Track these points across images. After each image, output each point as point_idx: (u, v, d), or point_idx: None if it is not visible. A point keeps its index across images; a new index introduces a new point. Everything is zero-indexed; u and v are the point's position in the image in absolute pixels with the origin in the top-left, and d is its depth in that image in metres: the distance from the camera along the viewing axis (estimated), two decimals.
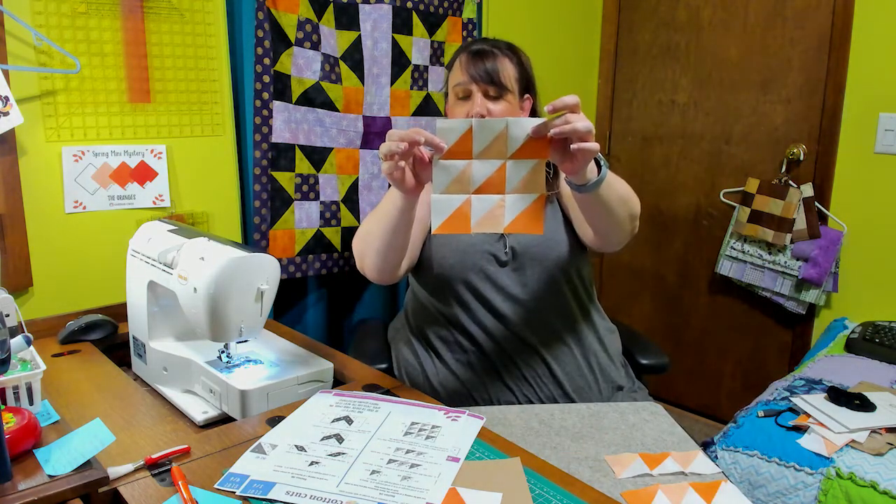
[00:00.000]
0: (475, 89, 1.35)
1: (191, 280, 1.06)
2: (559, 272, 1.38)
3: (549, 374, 1.35)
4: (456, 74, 1.40)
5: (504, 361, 1.35)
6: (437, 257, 1.39)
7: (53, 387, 1.13)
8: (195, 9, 1.63)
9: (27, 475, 0.82)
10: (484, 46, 1.39)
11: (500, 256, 1.37)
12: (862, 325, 2.11)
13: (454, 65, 1.42)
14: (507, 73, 1.37)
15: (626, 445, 1.10)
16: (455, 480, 0.87)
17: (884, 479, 1.38)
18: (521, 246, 1.37)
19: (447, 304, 1.39)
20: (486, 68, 1.35)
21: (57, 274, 1.53)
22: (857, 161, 2.25)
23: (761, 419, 1.61)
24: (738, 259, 2.48)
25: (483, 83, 1.35)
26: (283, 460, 0.91)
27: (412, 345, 1.45)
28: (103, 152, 1.55)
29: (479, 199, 1.03)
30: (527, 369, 1.34)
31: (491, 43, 1.42)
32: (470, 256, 1.37)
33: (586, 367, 1.38)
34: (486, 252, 1.38)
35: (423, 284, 1.44)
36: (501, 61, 1.37)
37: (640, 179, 2.80)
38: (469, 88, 1.36)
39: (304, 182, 1.84)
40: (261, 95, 1.72)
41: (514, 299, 1.36)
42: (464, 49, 1.42)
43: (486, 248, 1.38)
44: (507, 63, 1.38)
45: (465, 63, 1.37)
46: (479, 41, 1.44)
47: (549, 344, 1.36)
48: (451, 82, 1.42)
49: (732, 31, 2.48)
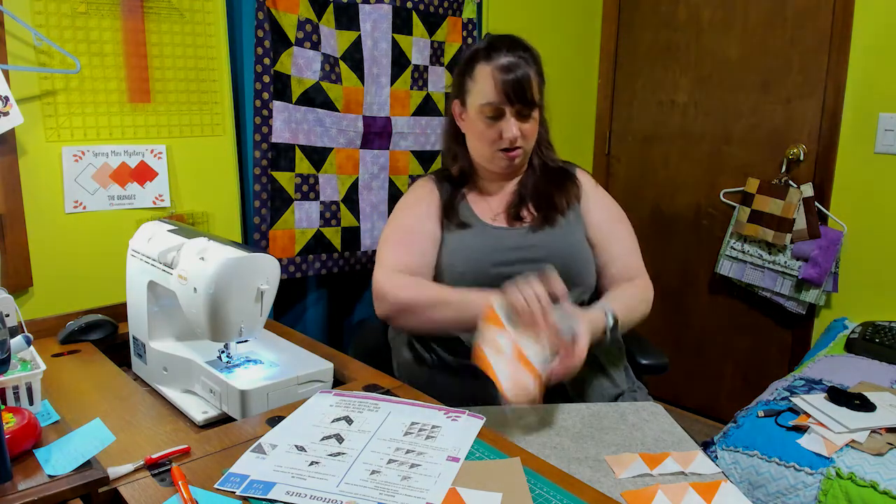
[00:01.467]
0: (509, 111, 1.32)
1: (191, 280, 1.06)
2: (573, 286, 1.35)
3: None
4: (484, 90, 1.33)
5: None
6: (446, 265, 1.37)
7: (53, 387, 1.13)
8: (195, 9, 1.63)
9: (27, 475, 0.82)
10: (512, 59, 1.32)
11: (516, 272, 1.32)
12: (862, 325, 2.11)
13: (477, 74, 1.35)
14: (535, 87, 1.33)
15: (626, 445, 1.10)
16: (455, 480, 0.87)
17: (884, 479, 1.38)
18: (547, 254, 1.35)
19: None
20: (520, 86, 1.30)
21: (57, 274, 1.53)
22: (857, 161, 2.25)
23: (761, 419, 1.61)
24: (738, 259, 2.48)
25: (518, 103, 1.31)
26: (283, 460, 0.90)
27: (413, 346, 1.45)
28: (103, 152, 1.55)
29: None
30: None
31: (515, 52, 1.34)
32: (483, 266, 1.35)
33: (590, 371, 1.36)
34: (503, 263, 1.35)
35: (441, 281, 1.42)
36: (529, 74, 1.32)
37: (640, 179, 2.80)
38: (502, 109, 1.32)
39: (304, 182, 1.84)
40: (261, 95, 1.72)
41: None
42: (486, 58, 1.34)
43: (499, 259, 1.35)
44: (532, 73, 1.33)
45: (497, 79, 1.31)
46: (501, 49, 1.34)
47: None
48: (477, 97, 1.35)
49: (732, 31, 2.48)
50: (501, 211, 1.44)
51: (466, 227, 1.40)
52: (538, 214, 1.41)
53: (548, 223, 1.39)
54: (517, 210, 1.42)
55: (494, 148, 1.37)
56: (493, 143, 1.36)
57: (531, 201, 1.43)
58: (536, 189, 1.44)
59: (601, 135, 2.88)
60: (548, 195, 1.42)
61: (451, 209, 1.43)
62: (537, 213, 1.41)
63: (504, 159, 1.38)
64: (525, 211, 1.42)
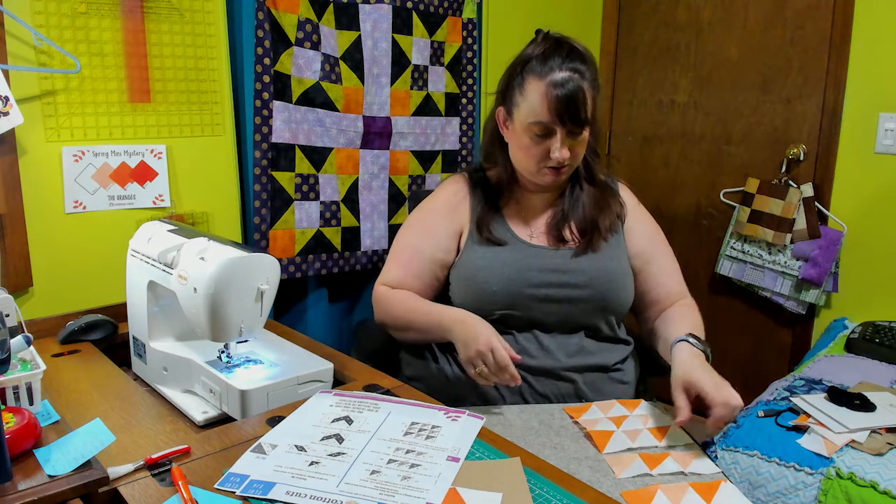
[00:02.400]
0: (560, 131, 1.23)
1: (191, 280, 1.06)
2: (608, 313, 1.33)
3: (574, 392, 1.32)
4: (534, 108, 1.23)
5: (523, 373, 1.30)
6: (480, 281, 1.31)
7: (53, 387, 1.13)
8: (195, 9, 1.63)
9: (27, 475, 0.82)
10: (566, 74, 1.21)
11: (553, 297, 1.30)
12: (862, 325, 2.11)
13: (527, 88, 1.25)
14: (588, 105, 1.24)
15: (626, 445, 1.10)
16: (455, 480, 0.87)
17: (884, 479, 1.38)
18: (587, 283, 1.30)
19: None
20: (574, 105, 1.21)
21: (57, 274, 1.53)
22: (857, 161, 2.25)
23: (761, 419, 1.61)
24: (738, 259, 2.48)
25: (570, 124, 1.22)
26: (283, 460, 0.90)
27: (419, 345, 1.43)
28: (103, 152, 1.55)
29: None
30: (550, 387, 1.31)
31: (571, 64, 1.22)
32: (517, 285, 1.30)
33: (608, 381, 1.35)
34: (539, 284, 1.30)
35: (459, 297, 1.37)
36: (585, 90, 1.22)
37: (640, 179, 2.80)
38: (553, 129, 1.24)
39: (304, 182, 1.84)
40: (261, 95, 1.72)
41: (555, 325, 1.31)
42: (539, 70, 1.23)
43: (535, 279, 1.30)
44: (587, 88, 1.23)
45: (549, 98, 1.21)
46: (556, 59, 1.23)
47: (575, 369, 1.32)
48: (526, 114, 1.25)
49: (732, 31, 2.48)
50: (542, 229, 1.37)
51: (501, 244, 1.34)
52: (581, 238, 1.35)
53: (591, 248, 1.33)
54: (559, 229, 1.35)
55: (541, 165, 1.29)
56: (540, 161, 1.28)
57: (574, 221, 1.36)
58: (581, 207, 1.36)
59: (601, 134, 2.88)
60: (592, 216, 1.35)
61: (483, 225, 1.35)
62: (581, 235, 1.35)
63: (550, 175, 1.29)
64: (568, 231, 1.36)
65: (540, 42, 1.28)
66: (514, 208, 1.39)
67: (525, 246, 1.34)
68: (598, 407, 1.22)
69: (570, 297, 1.30)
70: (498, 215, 1.38)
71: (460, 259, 1.37)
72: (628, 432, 1.12)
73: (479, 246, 1.35)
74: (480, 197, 1.39)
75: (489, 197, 1.39)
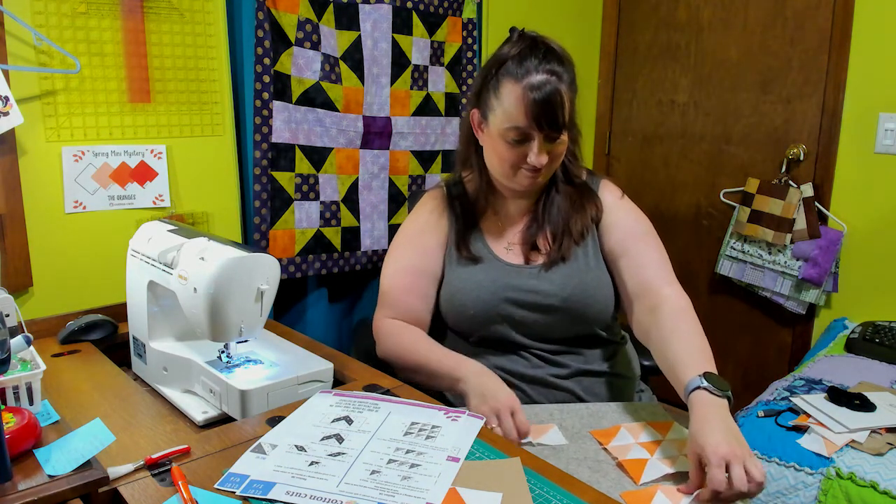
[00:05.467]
0: (537, 136, 1.19)
1: (191, 280, 1.06)
2: (588, 325, 1.31)
3: (573, 399, 1.30)
4: (510, 113, 1.18)
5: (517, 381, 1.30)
6: (457, 304, 1.30)
7: (53, 387, 1.13)
8: (195, 9, 1.63)
9: (27, 475, 0.82)
10: (543, 76, 1.17)
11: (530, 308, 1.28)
12: (862, 325, 2.11)
13: (503, 92, 1.20)
14: (567, 108, 1.19)
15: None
16: (455, 480, 0.87)
17: (884, 479, 1.38)
18: (561, 302, 1.27)
19: (465, 341, 1.34)
20: (551, 109, 1.16)
21: (57, 274, 1.53)
22: (857, 161, 2.25)
23: (761, 419, 1.61)
24: (738, 259, 2.48)
25: (548, 129, 1.18)
26: (283, 460, 0.90)
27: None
28: (103, 152, 1.55)
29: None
30: (547, 395, 1.30)
31: (548, 65, 1.18)
32: (492, 303, 1.27)
33: (606, 384, 1.34)
34: (513, 302, 1.28)
35: (444, 316, 1.36)
36: (562, 93, 1.18)
37: (640, 179, 2.80)
38: (530, 134, 1.19)
39: (304, 182, 1.84)
40: (261, 95, 1.72)
41: (538, 338, 1.30)
42: (515, 73, 1.18)
43: (510, 297, 1.28)
44: (565, 90, 1.18)
45: (526, 102, 1.16)
46: (532, 61, 1.18)
47: (569, 376, 1.31)
48: (502, 119, 1.20)
49: (732, 31, 2.48)
50: (516, 240, 1.35)
51: (477, 261, 1.31)
52: (553, 245, 1.31)
53: (563, 257, 1.29)
54: (533, 239, 1.32)
55: (516, 169, 1.24)
56: (515, 166, 1.24)
57: (549, 227, 1.33)
58: (555, 211, 1.33)
59: (601, 135, 2.88)
60: (565, 220, 1.31)
61: (462, 242, 1.33)
62: (553, 242, 1.32)
63: (527, 178, 1.25)
64: (542, 239, 1.33)
65: (515, 41, 1.23)
66: (491, 219, 1.37)
67: (500, 264, 1.31)
68: (627, 430, 1.13)
69: (546, 316, 1.28)
70: (475, 230, 1.35)
71: (444, 279, 1.35)
72: (663, 460, 1.05)
73: (457, 266, 1.33)
74: (459, 212, 1.36)
75: (466, 211, 1.36)
